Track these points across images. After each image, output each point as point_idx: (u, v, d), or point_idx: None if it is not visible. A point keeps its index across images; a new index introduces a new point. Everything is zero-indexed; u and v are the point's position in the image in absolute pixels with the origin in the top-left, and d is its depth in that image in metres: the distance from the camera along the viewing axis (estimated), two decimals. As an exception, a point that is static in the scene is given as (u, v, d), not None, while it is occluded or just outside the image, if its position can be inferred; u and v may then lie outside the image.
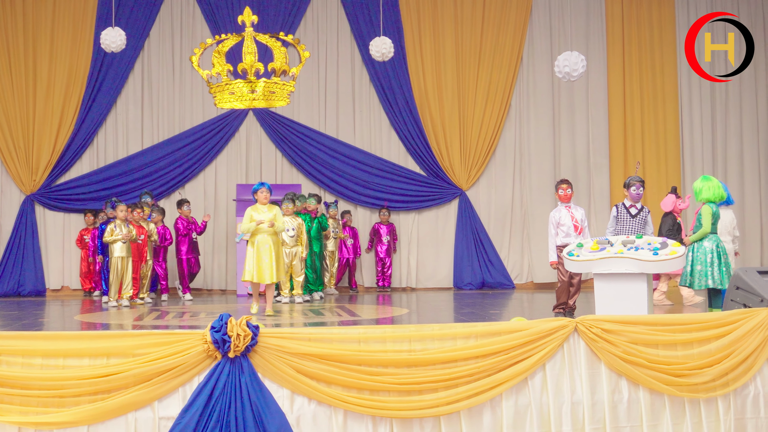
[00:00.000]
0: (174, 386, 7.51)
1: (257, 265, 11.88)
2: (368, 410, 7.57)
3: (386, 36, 15.52)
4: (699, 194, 11.13)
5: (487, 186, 18.46)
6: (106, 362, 7.52)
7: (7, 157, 17.51)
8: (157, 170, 17.82)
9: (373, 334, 7.85)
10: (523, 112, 18.68)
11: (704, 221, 10.89)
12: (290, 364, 7.59)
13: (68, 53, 17.71)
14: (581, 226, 11.47)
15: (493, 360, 7.74)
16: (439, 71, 18.35)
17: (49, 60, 17.67)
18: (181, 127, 18.02)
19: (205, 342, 7.54)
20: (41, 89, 17.63)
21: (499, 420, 7.74)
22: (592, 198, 18.40)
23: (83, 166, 17.90)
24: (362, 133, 18.43)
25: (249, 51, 13.01)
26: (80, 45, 17.73)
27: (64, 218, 17.64)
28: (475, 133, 18.27)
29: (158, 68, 18.18)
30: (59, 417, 7.36)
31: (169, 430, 7.41)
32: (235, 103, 13.31)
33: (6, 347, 7.59)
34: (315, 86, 18.35)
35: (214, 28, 17.67)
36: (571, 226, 11.44)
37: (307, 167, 18.05)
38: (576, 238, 11.33)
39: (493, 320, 11.03)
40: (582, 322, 7.92)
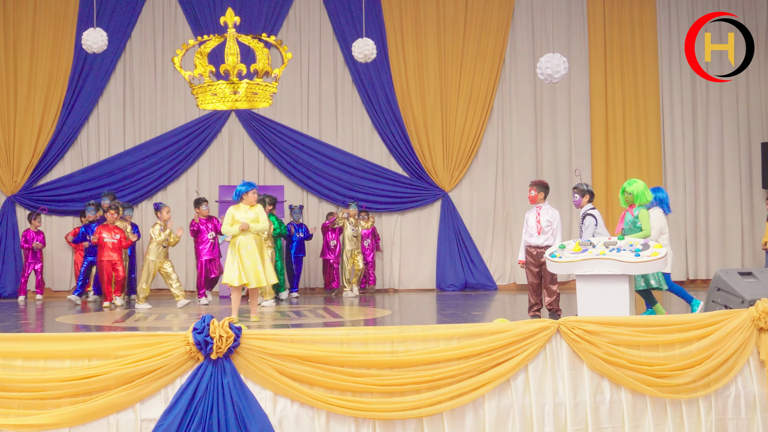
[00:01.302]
0: (156, 388, 7.50)
1: (240, 267, 11.36)
2: (351, 411, 7.57)
3: (369, 37, 15.52)
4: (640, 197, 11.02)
5: (470, 187, 18.49)
6: (87, 364, 7.50)
7: (-13, 158, 17.45)
8: (140, 171, 17.76)
9: (355, 336, 7.85)
10: (505, 113, 18.71)
11: (646, 225, 10.82)
12: (273, 365, 7.58)
13: (49, 54, 17.64)
14: (545, 227, 11.47)
15: (475, 361, 7.75)
16: (421, 73, 18.37)
17: (30, 60, 17.60)
18: (163, 128, 17.97)
19: (187, 344, 7.52)
20: (22, 89, 17.57)
21: (481, 421, 7.75)
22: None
23: (65, 167, 17.84)
24: (345, 134, 18.43)
25: (231, 52, 13.00)
26: (61, 45, 17.66)
27: (46, 219, 17.53)
28: (458, 135, 18.29)
29: (140, 69, 18.13)
30: (40, 419, 7.33)
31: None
32: (218, 105, 13.29)
33: (-14, 349, 7.55)
34: (297, 87, 18.34)
35: (197, 29, 17.63)
36: (534, 226, 11.47)
37: (290, 168, 18.04)
38: (538, 239, 11.38)
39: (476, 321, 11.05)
40: (564, 324, 7.95)
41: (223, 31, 13.44)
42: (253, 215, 11.56)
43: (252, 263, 11.37)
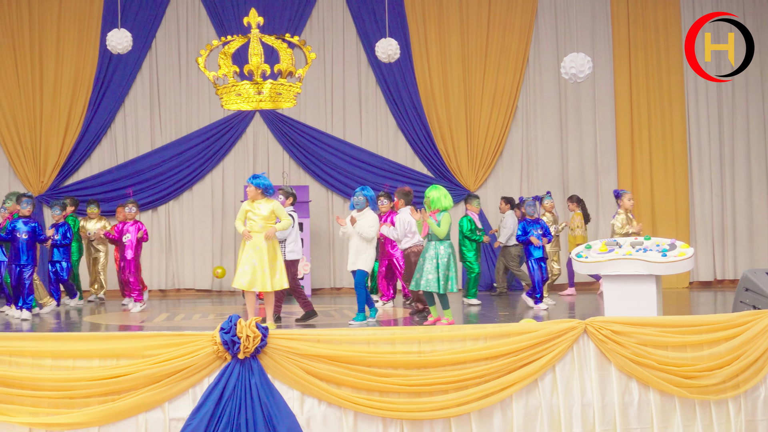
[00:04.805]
0: (184, 387, 7.55)
1: (251, 271, 10.36)
2: (378, 411, 7.59)
3: (392, 37, 15.50)
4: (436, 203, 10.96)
5: (495, 187, 18.44)
6: (116, 363, 7.56)
7: (15, 159, 17.53)
8: (166, 171, 17.83)
9: (382, 336, 7.88)
10: (530, 113, 18.66)
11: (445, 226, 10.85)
12: (300, 365, 7.61)
13: (74, 54, 17.72)
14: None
15: (502, 362, 7.77)
16: (445, 72, 18.34)
17: (56, 61, 17.68)
18: (188, 129, 18.03)
19: (214, 343, 7.57)
20: (48, 90, 17.65)
21: (509, 421, 7.76)
22: (600, 199, 18.36)
23: (92, 167, 17.92)
24: (369, 134, 18.43)
25: (255, 52, 13.03)
26: (86, 46, 17.74)
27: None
28: (482, 135, 18.26)
29: (165, 69, 18.19)
30: (70, 418, 7.39)
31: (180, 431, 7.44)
32: (242, 105, 13.31)
33: (16, 348, 7.62)
34: (321, 87, 18.35)
35: (220, 30, 17.67)
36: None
37: (315, 168, 18.06)
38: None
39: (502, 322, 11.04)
40: (591, 324, 7.95)
41: (247, 31, 13.47)
42: (266, 212, 10.55)
43: (260, 265, 10.40)
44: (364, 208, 11.50)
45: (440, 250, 10.71)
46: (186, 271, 17.91)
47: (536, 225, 13.38)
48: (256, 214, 10.46)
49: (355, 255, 11.37)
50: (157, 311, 13.98)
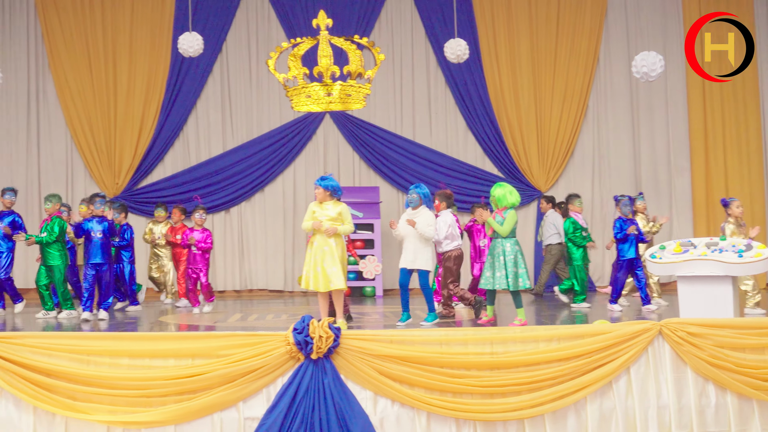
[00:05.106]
0: (258, 387, 7.64)
1: (312, 269, 10.20)
2: (451, 412, 7.61)
3: (461, 37, 15.46)
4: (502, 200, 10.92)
5: (566, 187, 18.22)
6: (191, 363, 7.67)
7: (90, 161, 17.85)
8: (238, 173, 17.99)
9: (454, 337, 7.89)
10: (601, 112, 18.48)
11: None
12: (372, 365, 7.65)
13: (147, 58, 17.98)
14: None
15: (576, 363, 7.74)
16: (514, 72, 18.25)
17: (129, 65, 17.96)
18: (259, 130, 18.19)
19: (288, 344, 7.64)
20: (121, 93, 17.94)
21: (583, 423, 7.72)
22: (674, 200, 18.14)
23: (165, 169, 18.18)
24: (438, 135, 18.41)
25: (324, 54, 13.06)
26: (159, 50, 17.99)
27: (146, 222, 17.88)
28: (553, 135, 18.14)
29: (236, 72, 18.37)
30: (147, 416, 7.52)
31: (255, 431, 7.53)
32: (312, 106, 13.35)
33: (94, 348, 7.78)
34: (391, 89, 18.38)
35: (290, 32, 17.79)
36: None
37: (385, 169, 18.09)
38: None
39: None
40: (666, 326, 7.88)
41: (316, 33, 13.51)
42: (334, 214, 10.39)
43: (321, 265, 10.18)
44: (418, 206, 11.37)
45: (506, 248, 10.60)
46: (258, 271, 18.05)
47: (632, 224, 13.22)
48: (323, 215, 10.35)
49: (413, 254, 11.13)
50: (230, 312, 14.10)
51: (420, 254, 11.10)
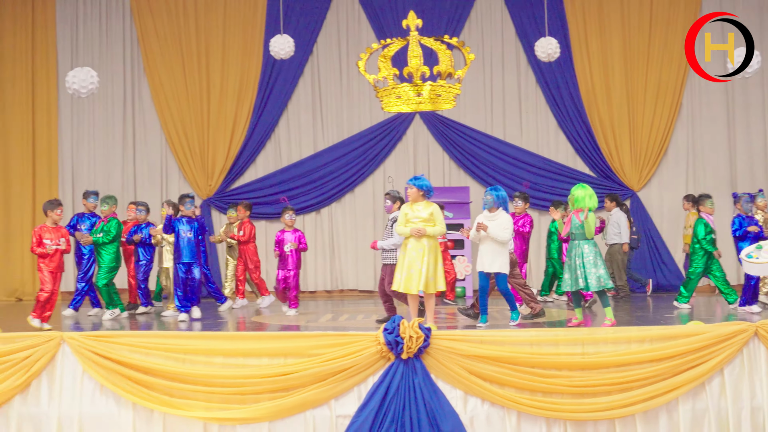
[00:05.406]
0: (349, 386, 7.75)
1: (407, 272, 10.15)
2: (542, 412, 7.63)
3: (551, 36, 15.38)
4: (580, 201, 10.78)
5: (659, 187, 18.07)
6: (284, 362, 7.82)
7: (184, 163, 18.23)
8: (328, 174, 18.19)
9: (545, 337, 7.91)
10: (695, 111, 18.22)
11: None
12: (462, 365, 7.71)
13: (239, 60, 18.27)
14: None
15: (668, 364, 7.69)
16: (606, 71, 18.09)
17: (221, 67, 18.27)
18: (349, 131, 18.35)
19: (378, 343, 7.74)
20: (214, 95, 18.26)
21: (675, 424, 7.67)
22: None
23: (257, 170, 18.46)
24: (529, 134, 18.35)
25: (414, 55, 13.10)
26: (250, 52, 18.27)
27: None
28: (646, 133, 17.94)
29: (326, 73, 18.56)
30: (241, 413, 7.69)
31: (346, 429, 7.64)
32: (402, 107, 13.39)
33: (189, 347, 7.98)
34: (481, 88, 18.37)
35: (380, 33, 17.92)
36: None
37: (475, 169, 18.09)
38: None
39: (668, 324, 10.86)
40: (763, 327, 7.78)
41: (406, 34, 13.56)
42: (425, 215, 10.41)
43: (418, 267, 10.16)
44: (495, 209, 11.24)
45: (584, 249, 10.54)
46: (349, 272, 18.21)
47: (752, 222, 13.01)
48: (416, 217, 10.38)
49: (491, 257, 11.01)
50: (321, 312, 14.27)
51: (497, 257, 10.96)
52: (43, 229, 11.86)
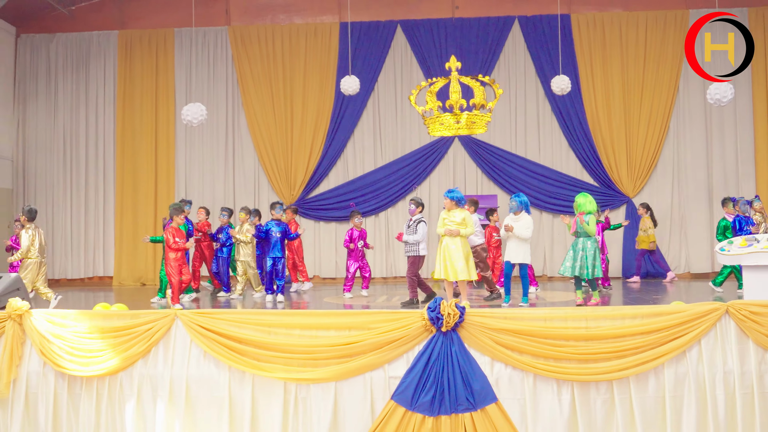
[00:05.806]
0: (399, 353, 7.75)
1: (443, 263, 10.53)
2: (553, 374, 7.58)
3: (564, 72, 15.29)
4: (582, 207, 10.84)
5: (650, 193, 17.87)
6: (348, 334, 7.85)
7: (272, 177, 18.36)
8: (385, 185, 18.21)
9: (556, 314, 7.87)
10: (680, 131, 17.99)
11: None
12: (490, 336, 7.68)
13: (317, 96, 18.36)
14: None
15: (656, 336, 7.61)
16: (608, 100, 17.93)
17: (303, 101, 18.38)
18: (402, 151, 18.36)
19: (423, 319, 7.74)
20: (297, 124, 18.37)
21: (662, 385, 7.59)
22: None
23: (329, 182, 18.53)
24: (545, 152, 18.23)
25: (454, 90, 13.08)
26: (325, 89, 18.35)
27: (314, 225, 18.35)
28: (640, 150, 17.76)
29: (384, 105, 18.59)
30: (314, 374, 7.73)
31: (397, 387, 7.65)
32: (444, 132, 13.39)
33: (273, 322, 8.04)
34: (507, 116, 18.28)
35: (427, 73, 17.94)
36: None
37: (502, 180, 18.03)
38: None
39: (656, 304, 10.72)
40: (732, 306, 7.67)
41: (448, 74, 13.55)
42: (459, 219, 10.62)
43: (450, 259, 10.49)
44: (519, 212, 11.35)
45: (587, 245, 10.68)
46: (401, 262, 18.17)
47: (749, 222, 12.82)
48: (450, 221, 10.66)
49: (515, 251, 11.23)
50: (378, 294, 14.29)
51: (520, 251, 11.23)
52: (175, 230, 12.06)
